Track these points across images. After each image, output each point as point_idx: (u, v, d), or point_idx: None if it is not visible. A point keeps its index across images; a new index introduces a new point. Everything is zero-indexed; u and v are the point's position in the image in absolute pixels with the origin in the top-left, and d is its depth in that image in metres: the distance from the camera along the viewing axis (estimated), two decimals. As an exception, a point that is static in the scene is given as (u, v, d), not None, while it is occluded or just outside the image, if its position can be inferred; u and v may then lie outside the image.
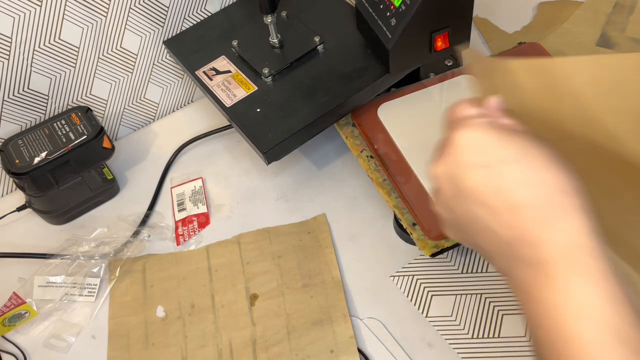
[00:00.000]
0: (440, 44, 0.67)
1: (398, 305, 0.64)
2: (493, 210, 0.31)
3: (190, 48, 0.79)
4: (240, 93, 0.72)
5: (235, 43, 0.77)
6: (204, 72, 0.75)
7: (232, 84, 0.73)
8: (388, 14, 0.65)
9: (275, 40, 0.75)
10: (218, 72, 0.75)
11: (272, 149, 0.66)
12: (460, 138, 0.33)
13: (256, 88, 0.72)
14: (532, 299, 0.30)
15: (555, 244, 0.29)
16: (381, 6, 0.66)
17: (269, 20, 0.72)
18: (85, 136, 0.70)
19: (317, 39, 0.74)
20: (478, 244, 0.33)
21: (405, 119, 0.68)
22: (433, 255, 0.62)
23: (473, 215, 0.32)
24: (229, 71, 0.75)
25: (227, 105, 0.71)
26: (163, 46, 0.81)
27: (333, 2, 0.80)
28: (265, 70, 0.72)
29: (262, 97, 0.71)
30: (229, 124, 0.77)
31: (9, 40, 0.67)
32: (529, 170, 0.30)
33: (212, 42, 0.79)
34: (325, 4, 0.80)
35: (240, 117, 0.70)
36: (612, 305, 0.28)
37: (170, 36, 0.81)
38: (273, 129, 0.67)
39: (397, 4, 0.64)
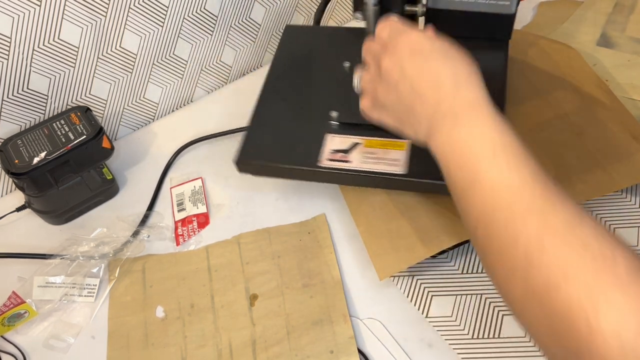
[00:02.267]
0: None
1: (398, 305, 0.64)
2: (426, 83, 0.45)
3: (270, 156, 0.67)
4: (396, 155, 0.63)
5: (346, 65, 0.72)
6: (329, 159, 0.64)
7: (376, 153, 0.63)
8: None
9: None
10: (341, 151, 0.65)
11: None
12: (403, 39, 0.48)
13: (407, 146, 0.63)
14: (448, 144, 0.43)
15: (464, 99, 0.44)
16: None
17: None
18: (84, 136, 0.70)
19: None
20: (408, 113, 0.47)
21: None
22: (434, 256, 0.63)
23: (412, 88, 0.46)
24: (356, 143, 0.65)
25: (403, 172, 0.62)
26: (163, 46, 0.80)
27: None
28: (334, 114, 0.67)
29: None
30: (229, 129, 0.76)
31: (9, 40, 0.67)
32: (445, 58, 0.46)
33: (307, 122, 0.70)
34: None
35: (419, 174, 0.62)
36: (501, 132, 0.42)
37: (170, 36, 0.80)
38: None
39: None
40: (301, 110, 0.69)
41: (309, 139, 0.66)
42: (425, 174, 0.60)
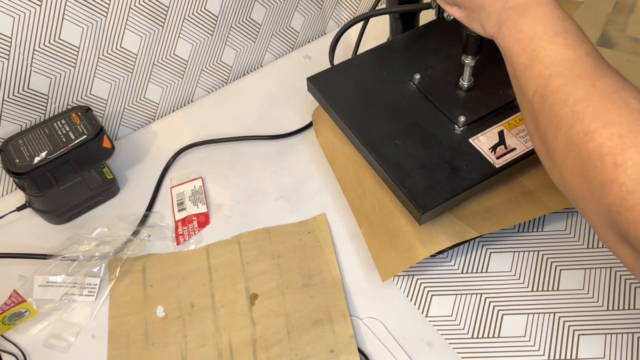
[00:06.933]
0: None
1: (398, 305, 0.64)
2: None
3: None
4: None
5: (417, 77, 0.71)
6: (498, 158, 0.64)
7: (524, 128, 0.64)
8: None
9: (466, 83, 0.69)
10: (497, 145, 0.65)
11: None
12: None
13: None
14: (514, 30, 0.48)
15: None
16: None
17: (467, 62, 0.66)
18: (85, 136, 0.70)
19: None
20: (480, 7, 0.51)
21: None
22: (433, 255, 0.63)
23: None
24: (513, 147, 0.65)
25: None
26: (163, 46, 0.81)
27: None
28: (462, 119, 0.66)
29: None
30: (229, 129, 0.75)
31: (9, 40, 0.67)
32: None
33: None
34: None
35: None
36: (563, 19, 0.47)
37: (171, 36, 0.81)
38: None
39: None
40: (422, 138, 0.66)
41: (457, 155, 0.64)
42: None
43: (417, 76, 0.71)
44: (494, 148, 0.64)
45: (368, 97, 0.70)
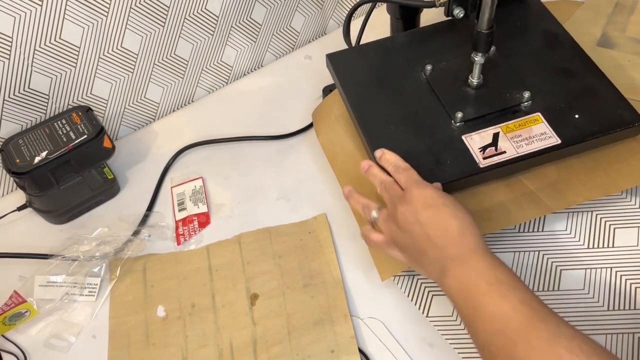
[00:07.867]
0: None
1: (399, 305, 0.64)
2: (436, 231, 0.54)
3: None
4: (539, 128, 0.65)
5: (428, 68, 0.71)
6: (485, 158, 0.64)
7: (521, 134, 0.64)
8: None
9: (475, 81, 0.68)
10: (488, 146, 0.64)
11: None
12: (419, 192, 0.56)
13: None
14: (455, 280, 0.51)
15: (467, 245, 0.53)
16: None
17: (477, 59, 0.65)
18: (85, 136, 0.70)
19: (526, 94, 0.66)
20: (421, 254, 0.55)
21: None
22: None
23: (425, 234, 0.54)
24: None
25: (559, 142, 0.63)
26: (164, 46, 0.81)
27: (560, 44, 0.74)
28: (459, 115, 0.66)
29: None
30: (230, 130, 0.76)
31: (10, 40, 0.67)
32: (453, 211, 0.54)
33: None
34: (547, 45, 0.73)
35: None
36: (494, 268, 0.51)
37: (171, 36, 0.80)
38: None
39: None
40: (417, 127, 0.67)
41: (446, 149, 0.64)
42: (580, 136, 0.64)
43: (429, 67, 0.71)
44: (484, 148, 0.64)
45: (377, 81, 0.72)
